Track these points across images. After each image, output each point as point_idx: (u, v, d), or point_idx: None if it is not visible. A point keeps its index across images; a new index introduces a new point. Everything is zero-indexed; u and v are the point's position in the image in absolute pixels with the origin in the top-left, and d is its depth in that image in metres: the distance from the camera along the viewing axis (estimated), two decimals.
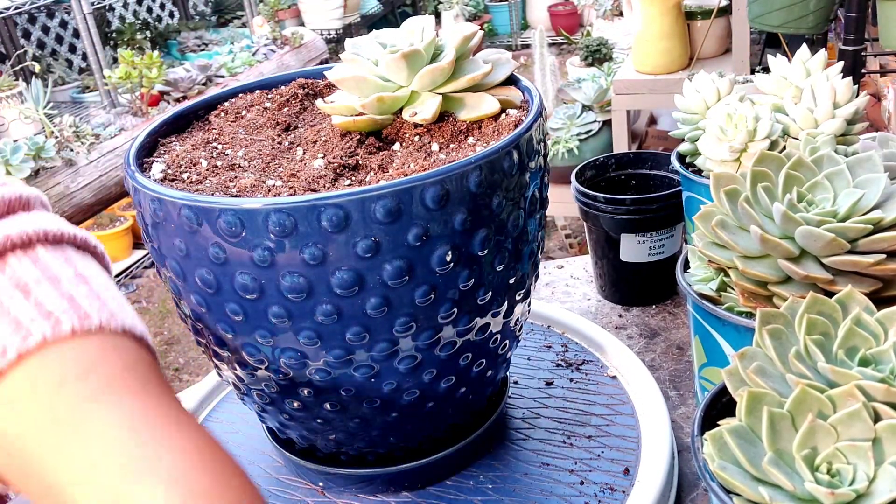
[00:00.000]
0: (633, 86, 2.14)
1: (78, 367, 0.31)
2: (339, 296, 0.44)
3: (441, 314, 0.47)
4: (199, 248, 0.44)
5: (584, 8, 4.33)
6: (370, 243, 0.42)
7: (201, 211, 0.43)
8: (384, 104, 0.51)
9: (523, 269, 0.51)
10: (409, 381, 0.49)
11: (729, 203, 0.48)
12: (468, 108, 0.52)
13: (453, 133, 0.51)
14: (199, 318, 0.48)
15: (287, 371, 0.48)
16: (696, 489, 0.59)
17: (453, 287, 0.46)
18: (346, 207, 0.41)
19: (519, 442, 0.60)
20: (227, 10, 4.44)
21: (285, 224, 0.42)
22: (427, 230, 0.43)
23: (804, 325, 0.39)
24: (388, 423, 0.52)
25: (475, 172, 0.44)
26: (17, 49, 3.21)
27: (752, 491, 0.35)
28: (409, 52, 0.49)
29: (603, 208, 0.78)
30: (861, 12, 1.49)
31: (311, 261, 0.43)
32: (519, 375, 0.67)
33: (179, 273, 0.46)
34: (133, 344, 0.33)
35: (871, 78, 2.11)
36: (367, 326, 0.45)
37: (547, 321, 0.74)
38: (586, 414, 0.62)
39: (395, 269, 0.43)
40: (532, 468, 0.58)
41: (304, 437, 0.55)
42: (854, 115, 0.60)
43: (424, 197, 0.42)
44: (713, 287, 0.53)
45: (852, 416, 0.35)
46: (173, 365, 2.51)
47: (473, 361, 0.51)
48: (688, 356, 0.73)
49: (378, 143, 0.51)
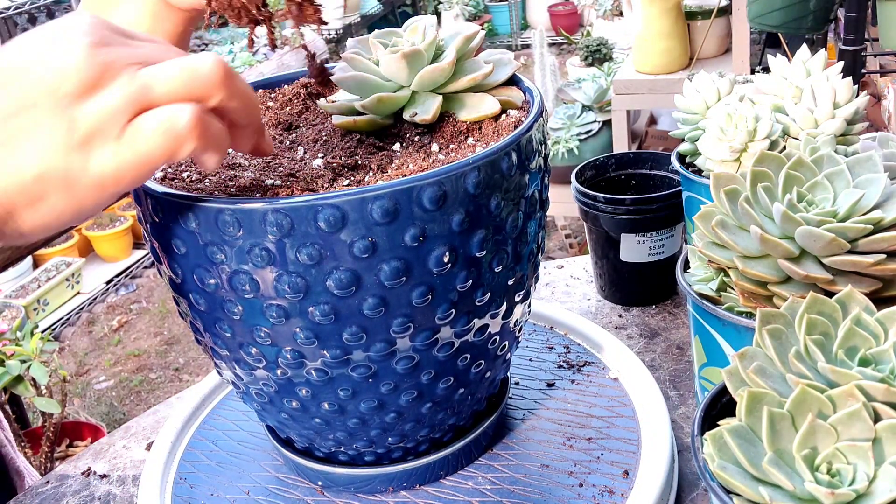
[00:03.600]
0: (633, 86, 2.14)
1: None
2: (337, 296, 0.44)
3: (439, 315, 0.47)
4: (198, 247, 0.44)
5: (584, 8, 4.33)
6: (367, 244, 0.42)
7: (200, 210, 0.43)
8: (384, 104, 0.51)
9: (522, 270, 0.51)
10: (407, 381, 0.49)
11: (729, 203, 0.48)
12: (468, 109, 0.51)
13: (453, 134, 0.51)
14: (198, 316, 0.49)
15: (285, 370, 0.48)
16: (696, 489, 0.59)
17: (451, 288, 0.46)
18: (343, 208, 0.41)
19: (518, 444, 0.60)
20: None
21: (282, 224, 0.42)
22: (424, 231, 0.43)
23: (804, 325, 0.39)
24: (386, 423, 0.52)
25: (473, 173, 0.44)
26: None
27: (752, 491, 0.35)
28: (410, 52, 0.49)
29: (603, 208, 0.78)
30: (861, 12, 1.49)
31: (308, 261, 0.43)
32: (520, 376, 0.67)
33: (178, 272, 0.47)
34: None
35: (871, 78, 2.11)
36: (364, 327, 0.45)
37: (549, 322, 0.74)
38: (587, 416, 0.62)
39: (392, 270, 0.43)
40: (532, 469, 0.57)
41: (303, 437, 0.55)
42: (854, 115, 0.60)
43: (422, 197, 0.42)
44: (713, 287, 0.53)
45: (852, 416, 0.35)
46: (173, 365, 2.51)
47: (472, 362, 0.51)
48: (688, 356, 0.73)
49: (379, 143, 0.51)
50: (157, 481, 0.60)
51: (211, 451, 0.64)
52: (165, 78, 0.36)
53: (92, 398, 2.38)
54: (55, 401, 1.69)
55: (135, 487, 0.65)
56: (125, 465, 0.69)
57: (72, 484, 0.67)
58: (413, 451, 0.56)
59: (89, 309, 2.83)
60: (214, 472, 0.61)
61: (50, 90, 0.35)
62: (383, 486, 0.57)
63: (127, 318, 2.80)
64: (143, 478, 0.61)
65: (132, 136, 0.36)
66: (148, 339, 2.66)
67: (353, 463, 0.56)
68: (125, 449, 0.71)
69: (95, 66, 0.35)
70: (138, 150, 0.36)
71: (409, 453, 0.56)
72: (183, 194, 0.44)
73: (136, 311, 2.84)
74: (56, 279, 2.69)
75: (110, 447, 0.71)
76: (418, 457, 0.56)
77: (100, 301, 2.88)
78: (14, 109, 0.35)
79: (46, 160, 0.35)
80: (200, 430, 0.67)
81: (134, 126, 0.36)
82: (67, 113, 0.35)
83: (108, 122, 0.35)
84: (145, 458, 0.66)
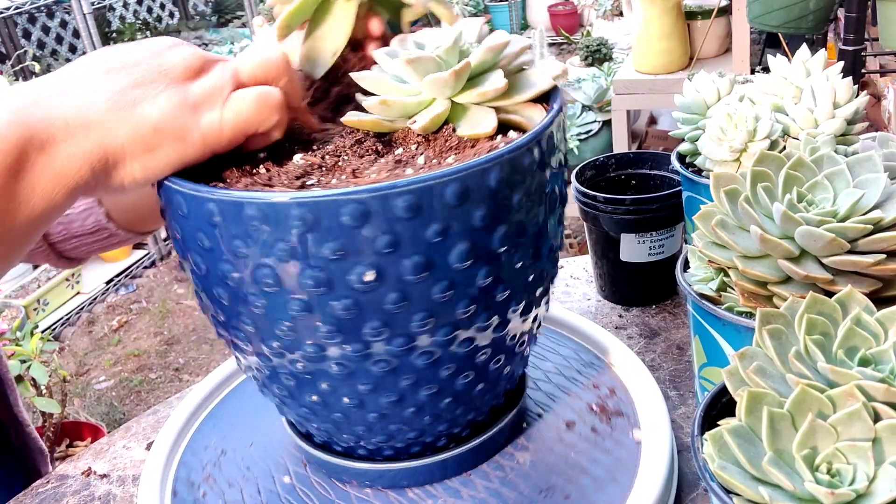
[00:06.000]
0: (633, 86, 2.14)
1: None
2: (358, 290, 0.44)
3: (459, 311, 0.47)
4: (222, 240, 0.45)
5: (584, 8, 4.33)
6: (390, 239, 0.43)
7: (225, 205, 0.43)
8: (388, 108, 0.50)
9: (542, 266, 0.51)
10: (427, 376, 0.50)
11: (729, 203, 0.48)
12: (467, 124, 0.50)
13: (443, 148, 0.49)
14: (220, 310, 0.49)
15: (305, 364, 0.49)
16: (696, 489, 0.59)
17: (472, 284, 0.46)
18: (368, 203, 0.42)
19: (531, 440, 0.60)
20: (227, 10, 4.44)
21: (264, 217, 0.42)
22: (448, 226, 0.44)
23: (804, 325, 0.39)
24: (405, 417, 0.52)
25: (453, 184, 0.43)
26: (17, 49, 3.21)
27: (752, 491, 0.35)
28: (414, 59, 0.48)
29: (603, 208, 0.78)
30: (861, 12, 1.49)
31: (333, 255, 0.43)
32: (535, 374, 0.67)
33: (201, 266, 0.47)
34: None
35: (871, 78, 2.11)
36: (385, 321, 0.46)
37: (551, 322, 0.74)
38: (589, 416, 0.62)
39: (413, 265, 0.44)
40: (539, 466, 0.58)
41: (323, 430, 0.56)
42: (854, 115, 0.60)
43: (394, 206, 0.42)
44: (713, 287, 0.53)
45: (852, 416, 0.35)
46: (173, 365, 2.51)
47: (492, 357, 0.52)
48: (688, 356, 0.73)
49: (377, 146, 0.50)
50: (157, 481, 0.60)
51: (211, 450, 0.64)
52: (249, 65, 0.48)
53: (92, 398, 2.38)
54: (55, 401, 1.69)
55: (135, 487, 0.65)
56: (125, 465, 0.69)
57: (72, 484, 0.67)
58: (431, 447, 0.56)
59: (89, 309, 2.83)
60: (214, 472, 0.61)
61: (165, 73, 0.45)
62: (402, 482, 0.57)
63: (127, 318, 2.80)
64: (143, 478, 0.61)
65: (235, 103, 0.46)
66: (148, 339, 2.66)
67: (372, 458, 0.57)
68: (125, 449, 0.71)
69: (199, 60, 0.47)
70: (239, 113, 0.46)
71: (427, 448, 0.56)
72: (209, 189, 0.45)
73: (136, 311, 2.84)
74: (56, 279, 2.69)
75: (110, 447, 0.71)
76: (436, 452, 0.56)
77: (100, 301, 2.88)
78: (135, 83, 0.45)
79: (165, 116, 0.44)
80: (200, 430, 0.67)
81: (236, 95, 0.46)
82: (181, 87, 0.45)
83: (214, 92, 0.46)
84: (145, 458, 0.66)
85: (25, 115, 0.43)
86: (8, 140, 0.42)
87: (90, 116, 0.44)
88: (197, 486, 0.60)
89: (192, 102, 0.45)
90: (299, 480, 0.59)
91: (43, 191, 0.44)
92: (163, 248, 3.14)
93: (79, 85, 0.45)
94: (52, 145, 0.43)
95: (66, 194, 0.45)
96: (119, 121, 0.44)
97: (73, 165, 0.44)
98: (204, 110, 0.46)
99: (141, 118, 0.44)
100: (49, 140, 0.43)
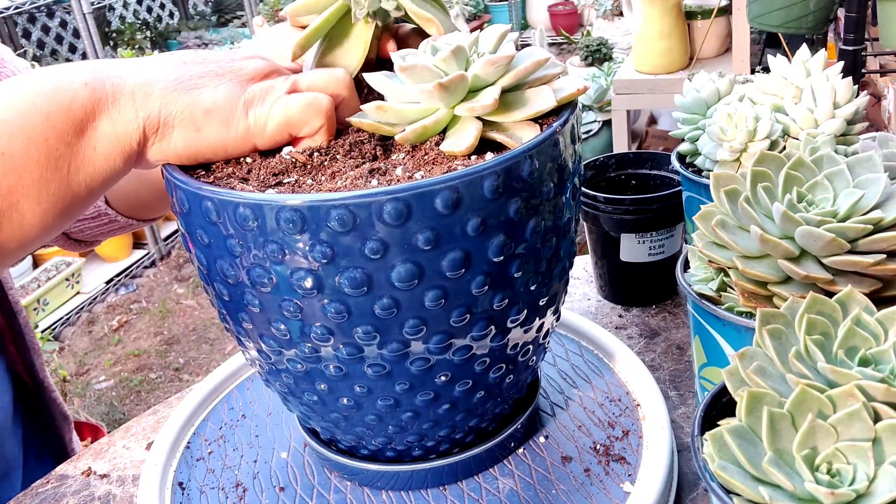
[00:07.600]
0: (633, 86, 2.14)
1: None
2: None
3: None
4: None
5: (584, 8, 4.33)
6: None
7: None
8: (384, 112, 0.49)
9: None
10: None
11: (729, 203, 0.48)
12: (450, 140, 0.48)
13: (420, 162, 0.48)
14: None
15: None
16: (696, 489, 0.59)
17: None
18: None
19: (540, 447, 0.60)
20: (227, 10, 4.44)
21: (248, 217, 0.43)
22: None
23: (804, 325, 0.39)
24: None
25: (390, 203, 0.42)
26: (17, 49, 3.21)
27: (752, 491, 0.35)
28: (408, 66, 0.47)
29: (603, 208, 0.78)
30: (861, 12, 1.49)
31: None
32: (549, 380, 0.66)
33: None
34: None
35: (871, 78, 2.11)
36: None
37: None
38: (591, 415, 0.62)
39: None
40: (544, 474, 0.58)
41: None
42: (854, 115, 0.60)
43: (382, 212, 0.42)
44: (713, 287, 0.53)
45: (852, 416, 0.35)
46: (173, 365, 2.51)
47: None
48: (688, 356, 0.73)
49: (375, 150, 0.49)
50: (156, 481, 0.60)
51: (211, 450, 0.64)
52: (311, 76, 0.51)
53: (92, 398, 2.38)
54: None
55: (135, 487, 0.65)
56: (125, 465, 0.69)
57: (72, 484, 0.67)
58: (434, 451, 0.56)
59: (89, 309, 2.83)
60: (214, 472, 0.61)
61: (234, 72, 0.50)
62: (405, 484, 0.57)
63: (127, 317, 2.80)
64: (142, 478, 0.61)
65: (284, 103, 0.49)
66: (148, 339, 2.67)
67: (374, 458, 0.57)
68: (125, 449, 0.71)
69: (268, 68, 0.52)
70: (286, 112, 0.49)
71: (430, 452, 0.56)
72: (244, 194, 0.44)
73: (136, 310, 2.84)
74: (56, 279, 2.69)
75: (110, 447, 0.71)
76: (440, 456, 0.56)
77: (100, 301, 2.88)
78: (204, 73, 0.50)
79: (218, 101, 0.49)
80: (200, 430, 0.67)
81: (286, 97, 0.50)
82: (244, 84, 0.50)
83: (269, 93, 0.50)
84: (145, 458, 0.66)
85: (99, 81, 0.48)
86: (80, 99, 0.48)
87: (155, 88, 0.49)
88: (197, 486, 0.61)
89: (248, 97, 0.50)
90: (303, 487, 0.59)
91: (104, 150, 0.48)
92: (163, 248, 3.14)
93: (153, 67, 0.50)
94: (115, 108, 0.48)
95: (123, 158, 0.49)
96: (178, 97, 0.49)
97: (131, 128, 0.48)
98: (255, 105, 0.49)
99: (198, 97, 0.49)
100: (114, 103, 0.48)
